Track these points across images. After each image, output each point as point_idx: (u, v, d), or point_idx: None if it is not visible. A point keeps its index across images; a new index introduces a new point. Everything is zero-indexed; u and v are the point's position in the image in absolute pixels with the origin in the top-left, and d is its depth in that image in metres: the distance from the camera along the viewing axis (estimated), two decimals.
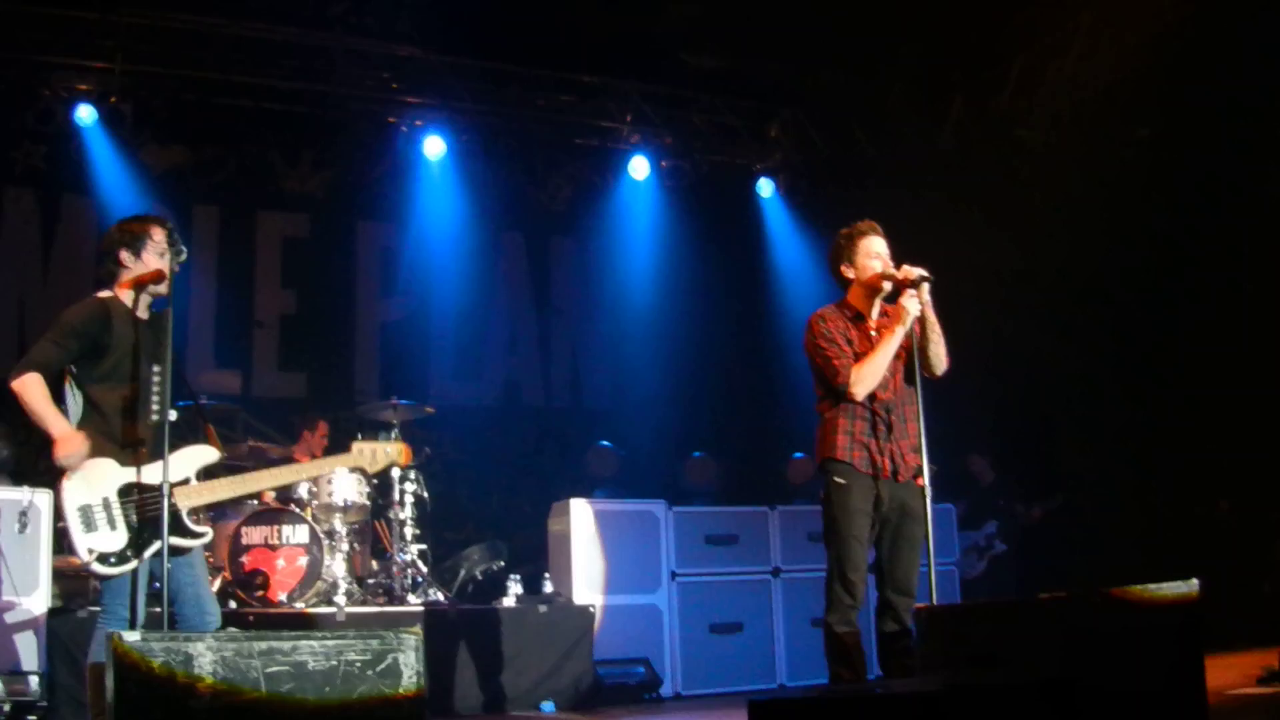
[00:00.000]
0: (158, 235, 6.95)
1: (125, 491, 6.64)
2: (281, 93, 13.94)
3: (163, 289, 6.92)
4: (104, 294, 6.96)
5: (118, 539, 6.55)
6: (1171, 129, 12.43)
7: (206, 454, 6.94)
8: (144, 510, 6.60)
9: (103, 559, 6.50)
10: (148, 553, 6.57)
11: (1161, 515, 12.37)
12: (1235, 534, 11.96)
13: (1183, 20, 11.77)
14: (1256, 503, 11.89)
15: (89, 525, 6.52)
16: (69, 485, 6.57)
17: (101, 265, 7.10)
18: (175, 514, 6.60)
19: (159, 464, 6.58)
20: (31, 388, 6.71)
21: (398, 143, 14.91)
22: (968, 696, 4.03)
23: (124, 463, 6.69)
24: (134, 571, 6.54)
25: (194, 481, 6.80)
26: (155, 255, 6.93)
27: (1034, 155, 13.79)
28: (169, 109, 13.79)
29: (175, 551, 6.61)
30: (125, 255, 6.95)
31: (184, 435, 7.00)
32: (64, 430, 6.63)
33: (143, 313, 6.98)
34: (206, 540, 6.85)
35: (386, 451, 7.53)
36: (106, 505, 6.58)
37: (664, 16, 13.35)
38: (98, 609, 8.30)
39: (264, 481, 7.70)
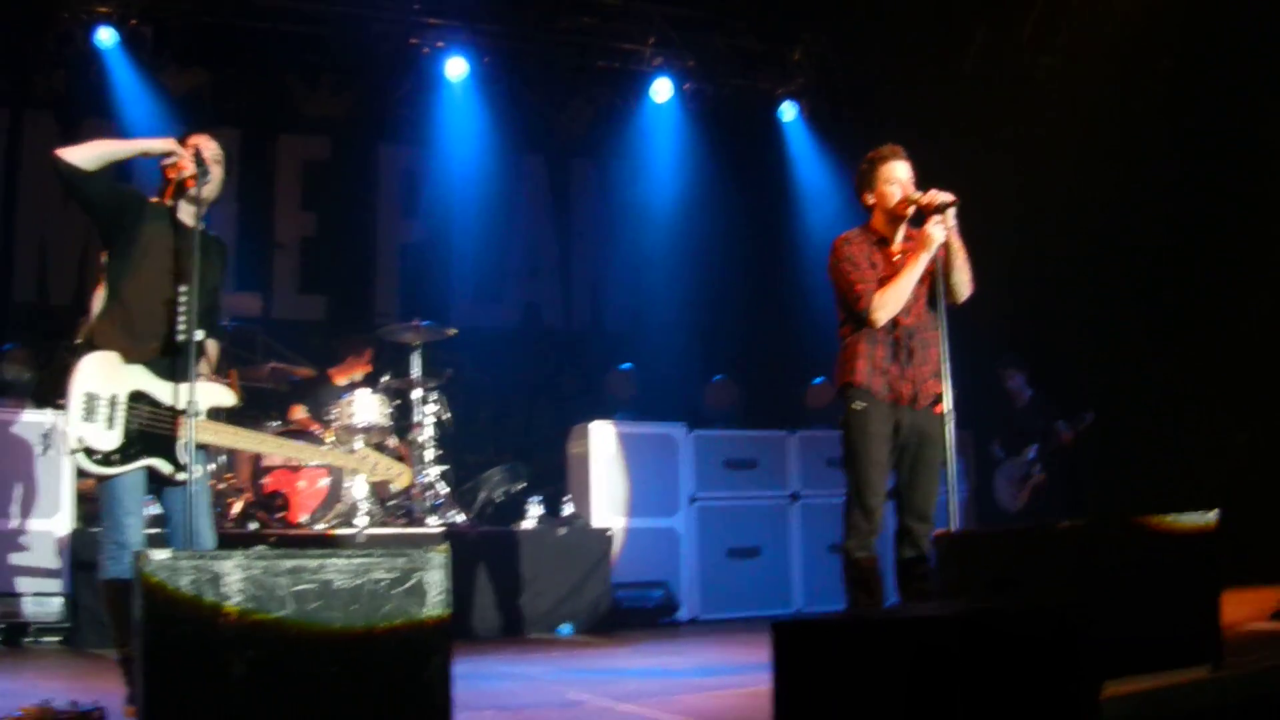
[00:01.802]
0: (191, 141, 6.78)
1: (136, 397, 6.43)
2: (302, 14, 13.89)
3: (206, 192, 6.68)
4: (154, 198, 6.86)
5: (110, 439, 6.33)
6: (1193, 61, 12.35)
7: (223, 395, 6.79)
8: (147, 424, 6.43)
9: (87, 452, 6.27)
10: (131, 465, 6.35)
11: (1186, 446, 12.35)
12: (1257, 466, 11.93)
13: None
14: (1276, 434, 11.87)
15: (89, 414, 6.30)
16: (84, 366, 6.38)
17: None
18: (172, 441, 6.46)
19: (174, 385, 6.48)
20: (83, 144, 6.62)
21: (419, 65, 14.84)
22: (990, 621, 4.06)
23: (145, 366, 6.50)
24: (125, 485, 6.34)
25: (203, 418, 6.50)
26: (192, 164, 6.66)
27: (1056, 83, 13.71)
28: (189, 31, 13.73)
29: (162, 480, 6.53)
30: (167, 161, 6.78)
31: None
32: (153, 140, 6.76)
33: (190, 220, 6.73)
34: (195, 478, 6.37)
35: (389, 467, 7.42)
36: (113, 403, 6.36)
37: None
38: None
39: (266, 446, 7.73)
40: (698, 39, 15.33)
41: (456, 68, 14.66)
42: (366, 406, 11.43)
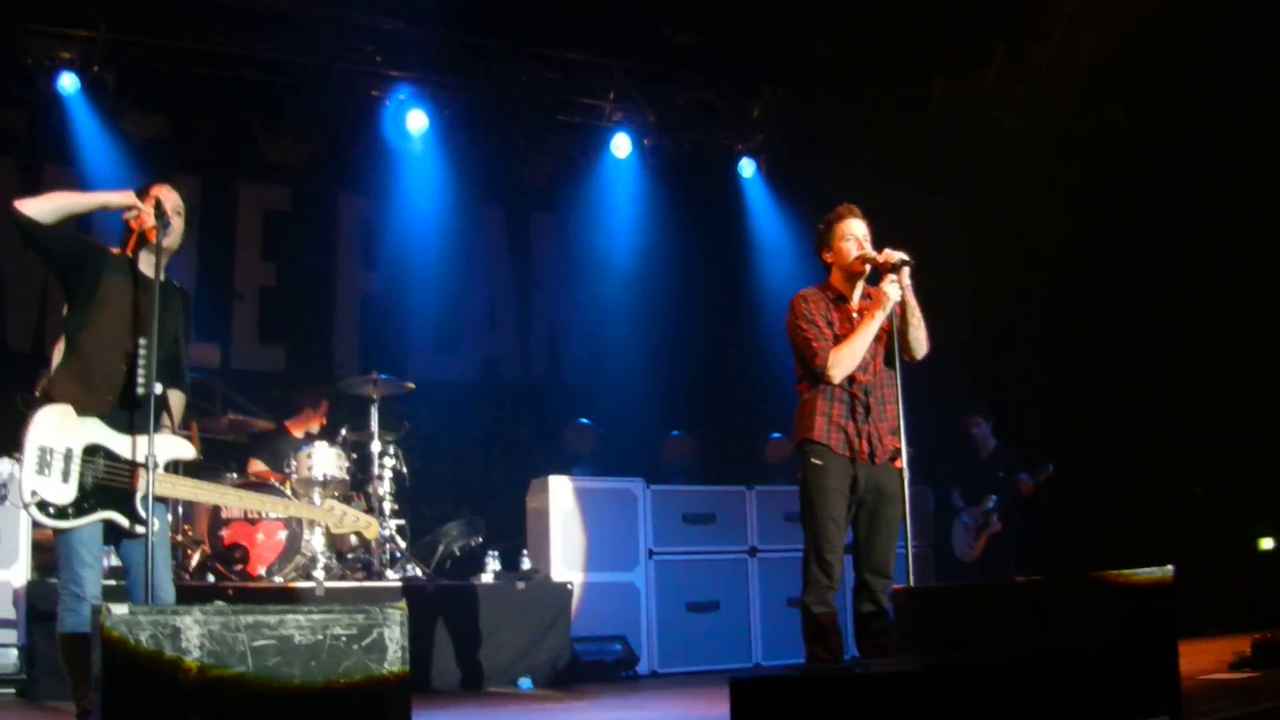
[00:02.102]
0: (152, 192, 6.87)
1: (91, 450, 6.40)
2: (264, 63, 13.89)
3: (167, 242, 6.77)
4: (114, 248, 6.92)
5: (65, 493, 6.28)
6: (1148, 115, 12.49)
7: (182, 448, 6.80)
8: (103, 477, 6.39)
9: (41, 506, 6.23)
10: (87, 518, 6.32)
11: (1143, 500, 12.42)
12: (1213, 519, 12.02)
13: (1164, 6, 11.81)
14: (1231, 488, 11.96)
15: (42, 468, 6.26)
16: (38, 421, 6.35)
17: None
18: (130, 494, 6.44)
19: (131, 438, 6.49)
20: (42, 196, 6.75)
21: (380, 116, 14.87)
22: (946, 677, 4.09)
23: (101, 419, 6.48)
24: (81, 538, 6.32)
25: (160, 471, 6.42)
26: (152, 216, 6.75)
27: (1014, 134, 13.83)
28: (151, 78, 13.72)
29: (122, 533, 6.52)
30: (128, 214, 6.88)
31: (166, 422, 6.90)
32: (112, 193, 6.85)
33: (150, 271, 6.67)
34: (143, 534, 6.35)
35: (357, 519, 7.43)
36: (67, 456, 6.32)
37: None
38: None
39: (227, 499, 7.68)
40: (658, 93, 15.40)
41: (417, 120, 14.69)
42: (325, 459, 11.41)
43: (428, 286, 15.51)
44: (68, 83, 13.19)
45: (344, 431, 12.03)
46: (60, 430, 6.36)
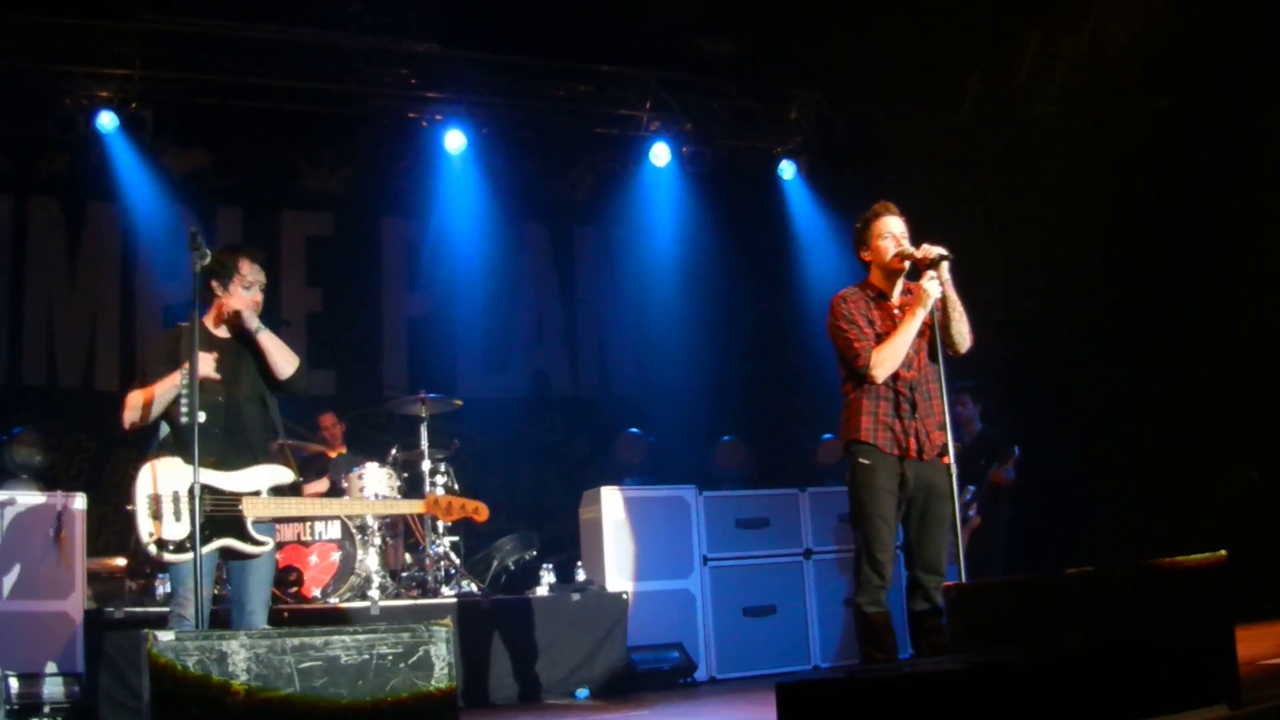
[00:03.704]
0: (245, 269, 7.44)
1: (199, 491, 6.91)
2: (300, 93, 13.98)
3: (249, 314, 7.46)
4: (182, 324, 7.42)
5: (180, 530, 6.91)
6: (1187, 100, 12.39)
7: (282, 474, 7.39)
8: (210, 510, 6.95)
9: (161, 544, 6.90)
10: (208, 548, 6.93)
11: (1189, 487, 12.29)
12: (1266, 504, 11.90)
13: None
14: None
15: (156, 514, 6.93)
16: (142, 475, 7.03)
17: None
18: (240, 521, 7.10)
19: (235, 473, 7.15)
20: (135, 402, 7.31)
21: (418, 138, 14.96)
22: (995, 674, 4.06)
23: (205, 466, 6.94)
24: (199, 567, 6.72)
25: (265, 495, 7.22)
26: (241, 289, 7.43)
27: (1051, 131, 13.76)
28: (189, 113, 13.86)
29: (236, 556, 7.18)
30: (215, 284, 7.44)
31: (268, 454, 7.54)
32: (178, 373, 7.21)
33: (222, 332, 7.54)
34: (266, 550, 7.23)
35: (463, 506, 7.80)
36: (176, 499, 6.97)
37: (679, 3, 13.34)
38: (135, 610, 8.78)
39: (331, 508, 7.94)
40: (694, 102, 15.42)
41: (455, 140, 14.75)
42: (376, 479, 11.45)
43: (474, 304, 15.57)
44: (106, 121, 13.33)
45: (394, 451, 12.09)
46: (168, 478, 7.04)
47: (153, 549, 6.97)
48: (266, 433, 7.66)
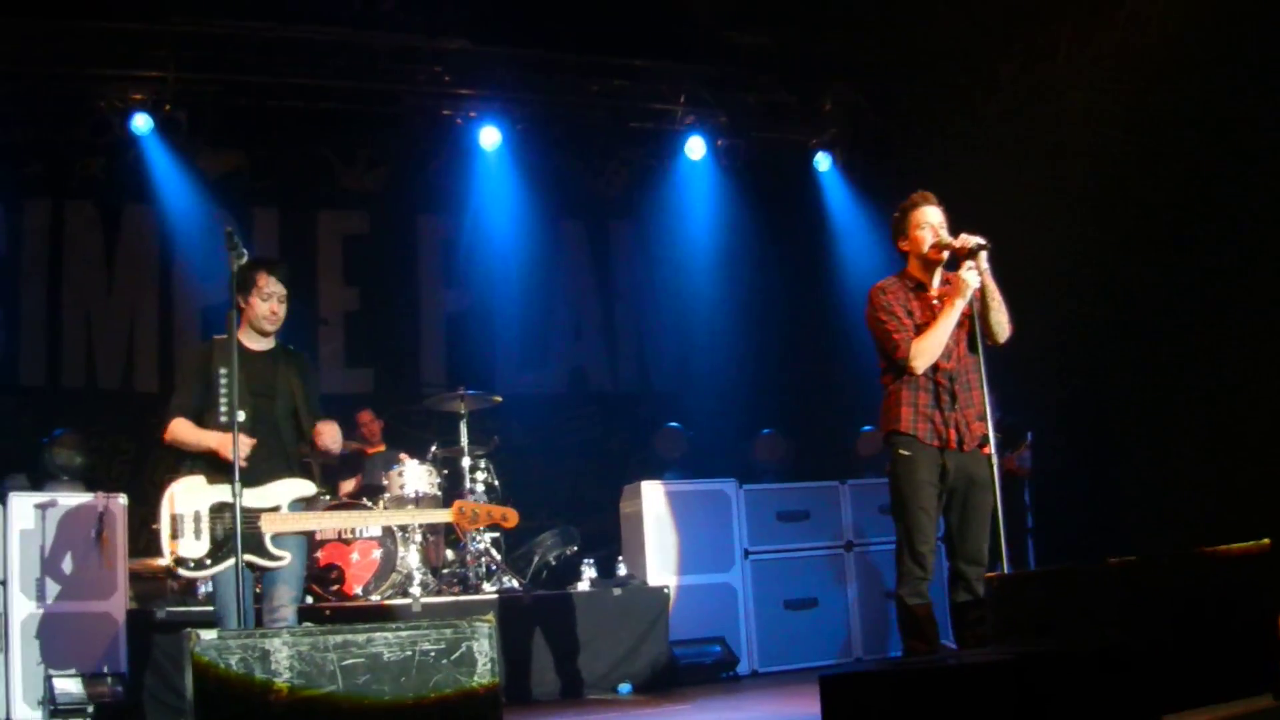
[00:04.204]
0: (262, 281, 7.64)
1: (217, 508, 7.27)
2: (334, 92, 14.00)
3: (266, 328, 7.73)
4: (218, 336, 7.67)
5: (199, 548, 7.19)
6: (1226, 83, 12.30)
7: (303, 488, 7.57)
8: (230, 527, 7.04)
9: (180, 562, 7.17)
10: (223, 565, 7.18)
11: (1234, 474, 12.21)
12: None
13: None
14: None
15: (177, 532, 7.19)
16: (166, 496, 7.30)
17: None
18: (258, 537, 7.26)
19: (257, 489, 7.28)
20: (176, 436, 7.52)
21: (453, 135, 14.97)
22: (1038, 665, 4.04)
23: (225, 482, 7.15)
24: (238, 577, 6.87)
25: (284, 510, 7.38)
26: (259, 300, 7.64)
27: (1086, 118, 13.69)
28: (223, 114, 13.88)
29: (257, 569, 7.35)
30: (240, 297, 7.59)
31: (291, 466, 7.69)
32: (216, 440, 7.37)
33: (256, 345, 7.74)
34: (284, 565, 7.37)
35: (490, 514, 7.95)
36: (196, 518, 7.24)
37: None
38: (177, 609, 9.53)
39: (353, 520, 8.05)
40: (728, 95, 15.39)
41: (490, 136, 14.76)
42: (416, 476, 11.47)
43: (511, 301, 15.59)
44: (141, 123, 13.38)
45: (434, 448, 12.10)
46: (187, 498, 7.30)
47: (176, 568, 7.27)
48: (297, 442, 7.80)
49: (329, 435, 7.71)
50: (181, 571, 7.26)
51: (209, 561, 7.22)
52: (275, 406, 7.64)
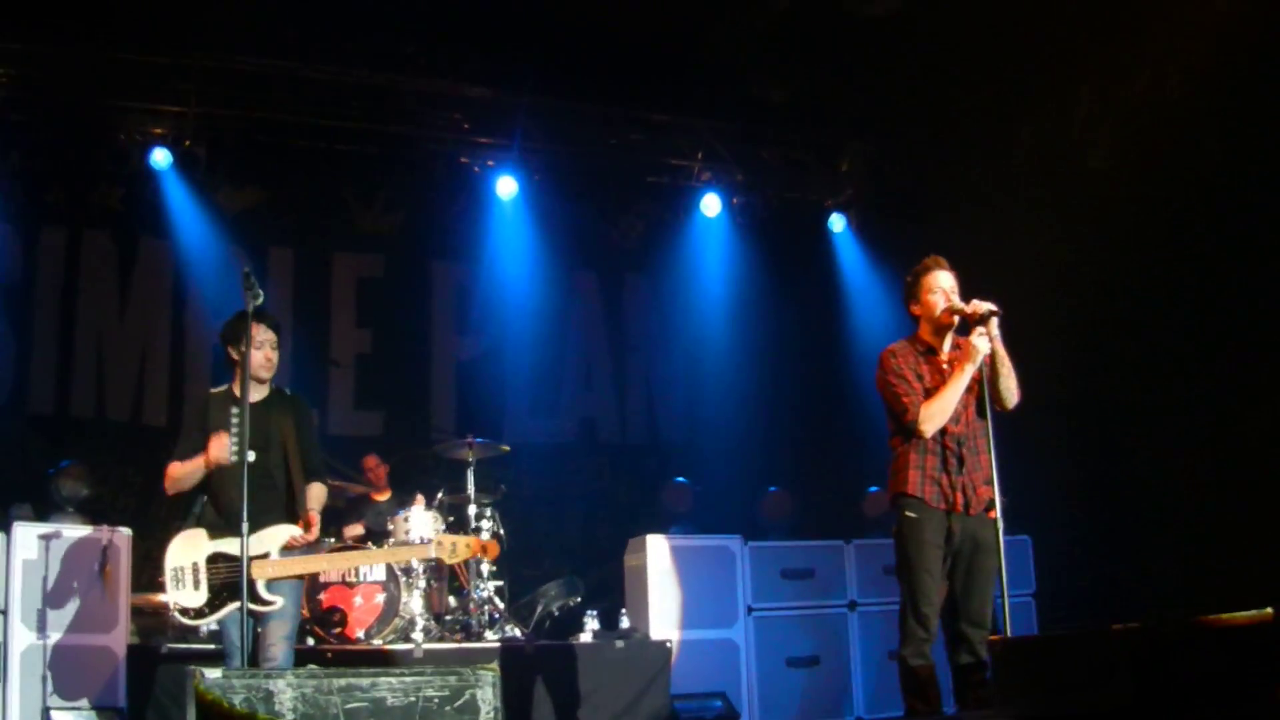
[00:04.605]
0: (252, 331, 7.71)
1: (213, 559, 7.60)
2: (353, 133, 14.06)
3: (262, 374, 7.91)
4: (216, 388, 8.12)
5: (197, 598, 7.56)
6: (1244, 147, 12.32)
7: (289, 532, 7.75)
8: (224, 577, 7.54)
9: (183, 612, 7.61)
10: (221, 612, 7.54)
11: (1232, 542, 12.21)
12: None
13: (1254, 40, 11.70)
14: None
15: (177, 584, 7.58)
16: (170, 550, 7.66)
17: None
18: (251, 584, 7.38)
19: (250, 537, 7.27)
20: (171, 475, 7.91)
21: (470, 182, 15.03)
22: None
23: (223, 535, 7.59)
24: (243, 617, 7.20)
25: (274, 556, 7.60)
26: (252, 349, 7.78)
27: (1104, 181, 13.72)
28: (242, 151, 13.96)
29: (250, 614, 7.42)
30: (230, 349, 7.91)
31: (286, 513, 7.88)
32: (202, 457, 7.76)
33: (253, 395, 7.82)
34: (275, 609, 7.57)
35: (469, 545, 8.14)
36: (195, 569, 7.60)
37: (730, 52, 13.38)
38: (178, 646, 9.65)
39: (336, 564, 8.22)
40: (745, 152, 15.46)
41: (507, 186, 14.83)
42: (421, 522, 11.46)
43: (523, 349, 15.61)
44: (160, 158, 13.45)
45: (440, 494, 12.10)
46: (185, 551, 7.66)
47: (178, 617, 7.69)
48: (295, 491, 7.97)
49: (313, 498, 7.99)
50: (184, 620, 7.66)
51: (207, 610, 7.58)
52: (269, 456, 7.84)
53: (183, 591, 7.56)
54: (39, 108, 13.06)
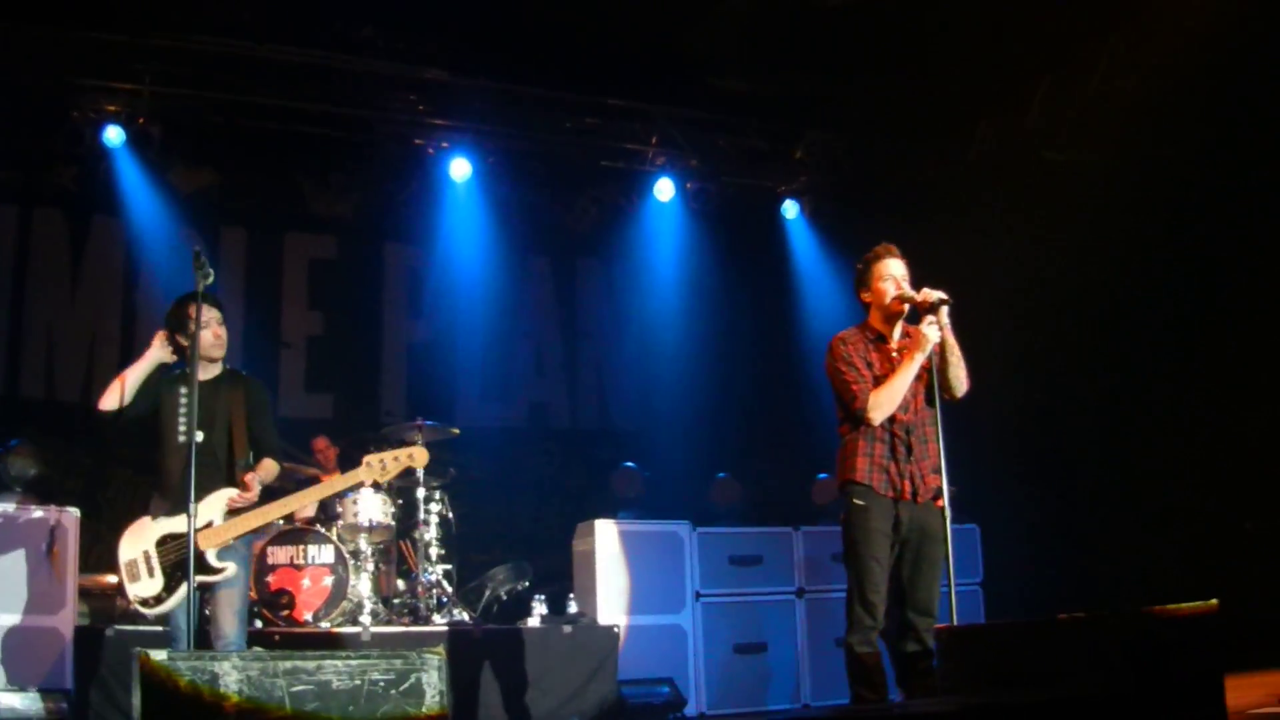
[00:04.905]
0: (192, 312, 7.75)
1: (161, 542, 7.64)
2: (309, 115, 13.99)
3: (213, 353, 8.01)
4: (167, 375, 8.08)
5: (154, 585, 7.57)
6: (1199, 143, 12.40)
7: (227, 494, 7.80)
8: (174, 556, 7.55)
9: (144, 603, 7.58)
10: (180, 592, 7.45)
11: (1177, 533, 12.30)
12: (1261, 554, 11.90)
13: (1211, 35, 11.78)
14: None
15: (133, 576, 7.59)
16: (121, 545, 7.67)
17: None
18: (200, 556, 7.43)
19: (192, 510, 7.27)
20: (117, 384, 7.97)
21: (425, 165, 14.97)
22: (986, 716, 4.07)
23: (170, 515, 7.67)
24: (189, 599, 7.14)
25: (217, 523, 7.66)
26: (203, 331, 7.82)
27: (1060, 174, 13.79)
28: (197, 131, 13.86)
29: (208, 586, 7.64)
30: (179, 336, 7.94)
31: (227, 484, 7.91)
32: (147, 352, 7.98)
33: (204, 374, 7.92)
34: (228, 575, 7.65)
35: (396, 459, 8.11)
36: (146, 557, 7.61)
37: (690, 40, 13.37)
38: (125, 628, 9.47)
39: (273, 512, 8.08)
40: (700, 138, 15.44)
41: (461, 168, 14.78)
42: (371, 505, 11.44)
43: (474, 334, 15.58)
44: (114, 136, 13.34)
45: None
46: (134, 542, 7.69)
47: (141, 609, 7.66)
48: (236, 470, 7.94)
49: (261, 470, 8.05)
50: (145, 611, 7.62)
51: (165, 594, 7.56)
52: (213, 433, 7.85)
53: (139, 583, 7.55)
54: None
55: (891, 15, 12.64)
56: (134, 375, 7.91)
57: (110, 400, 7.90)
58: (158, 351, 7.90)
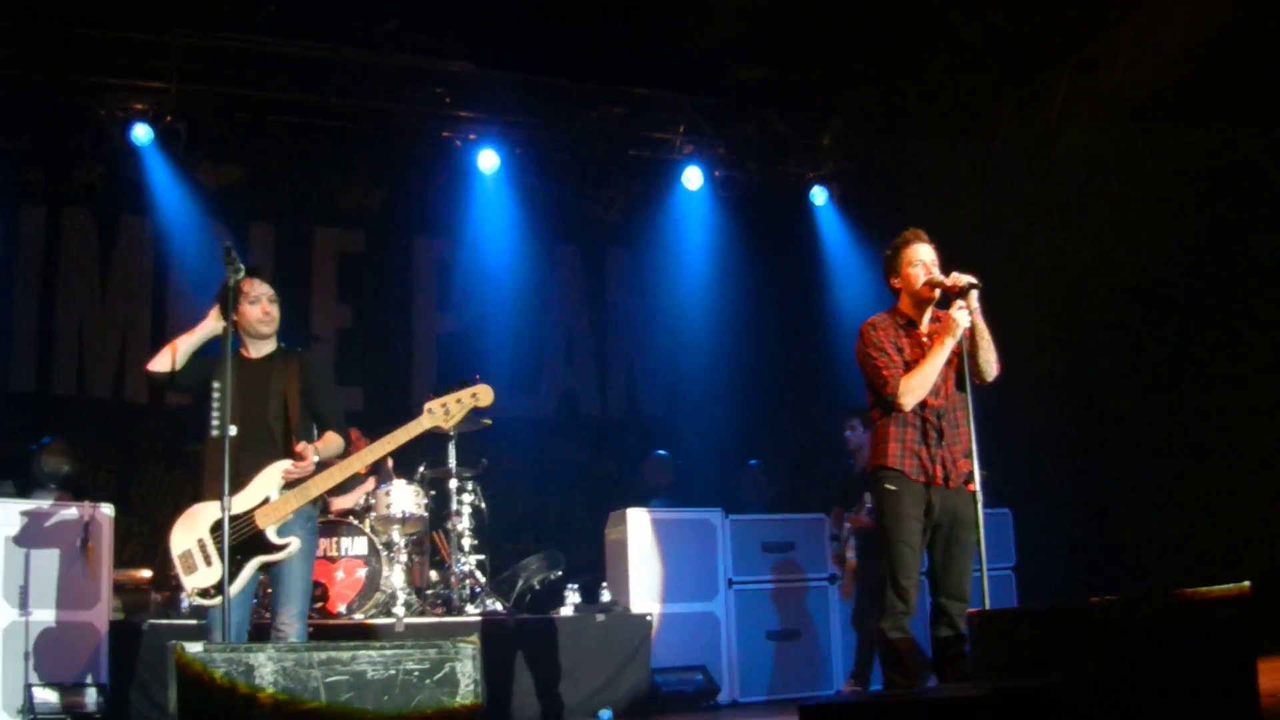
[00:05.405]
0: (246, 288, 7.74)
1: (215, 527, 7.29)
2: (335, 109, 14.02)
3: (262, 330, 7.86)
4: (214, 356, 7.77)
5: (213, 574, 7.25)
6: (1223, 130, 12.35)
7: (281, 467, 7.58)
8: (234, 538, 7.15)
9: (203, 594, 7.30)
10: (245, 573, 7.33)
11: (1210, 516, 12.25)
12: None
13: (1229, 25, 11.74)
14: None
15: (189, 568, 7.35)
16: (173, 536, 7.44)
17: None
18: (260, 535, 7.38)
19: (243, 493, 7.36)
20: (168, 349, 7.77)
21: (452, 157, 15.00)
22: (1017, 700, 4.06)
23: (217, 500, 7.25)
24: (225, 591, 7.03)
25: (274, 498, 7.48)
26: (249, 305, 7.78)
27: (1083, 161, 13.75)
28: (223, 127, 13.91)
29: (272, 565, 7.48)
30: (231, 313, 7.65)
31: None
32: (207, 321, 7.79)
33: (254, 353, 7.90)
34: (292, 551, 7.47)
35: (459, 400, 8.13)
36: (201, 546, 7.37)
37: (715, 28, 13.35)
38: (160, 622, 9.45)
39: (335, 476, 7.87)
40: (727, 126, 15.45)
41: (488, 160, 14.80)
42: (403, 497, 11.45)
43: (504, 324, 15.58)
44: (141, 134, 13.39)
45: (421, 469, 12.08)
46: (187, 532, 7.43)
47: (200, 600, 7.39)
48: (292, 438, 7.77)
49: (324, 444, 7.91)
50: (206, 602, 7.33)
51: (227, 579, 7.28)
52: (267, 410, 7.68)
53: (196, 573, 7.33)
54: (18, 85, 13.00)
55: (916, 1, 12.62)
56: (186, 343, 7.74)
57: (162, 362, 7.72)
58: (212, 323, 7.72)
